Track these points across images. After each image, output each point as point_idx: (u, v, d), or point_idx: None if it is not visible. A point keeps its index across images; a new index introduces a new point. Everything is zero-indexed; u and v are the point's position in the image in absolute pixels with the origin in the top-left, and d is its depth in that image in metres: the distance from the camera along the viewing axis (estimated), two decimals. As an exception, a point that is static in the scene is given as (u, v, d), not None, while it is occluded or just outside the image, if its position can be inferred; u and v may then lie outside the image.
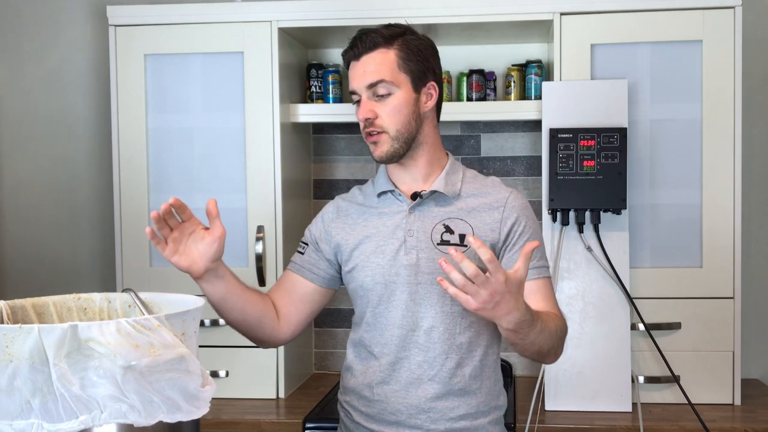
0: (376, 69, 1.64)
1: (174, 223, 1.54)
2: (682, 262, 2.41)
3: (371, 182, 1.80)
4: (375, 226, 1.71)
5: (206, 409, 1.20)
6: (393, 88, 1.64)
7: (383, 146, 1.66)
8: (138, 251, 2.55)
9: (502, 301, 1.39)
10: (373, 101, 1.65)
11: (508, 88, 2.67)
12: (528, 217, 1.69)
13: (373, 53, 1.64)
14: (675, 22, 2.38)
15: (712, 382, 2.40)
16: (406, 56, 1.65)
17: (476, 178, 1.75)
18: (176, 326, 1.19)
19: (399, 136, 1.65)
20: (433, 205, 1.69)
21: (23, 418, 1.09)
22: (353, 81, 1.67)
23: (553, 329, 1.57)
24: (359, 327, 1.74)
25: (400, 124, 1.64)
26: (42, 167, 2.97)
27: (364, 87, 1.65)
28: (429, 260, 1.64)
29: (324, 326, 2.91)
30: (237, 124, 2.52)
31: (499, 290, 1.37)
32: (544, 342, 1.55)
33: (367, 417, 1.70)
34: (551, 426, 2.27)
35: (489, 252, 1.34)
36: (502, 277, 1.36)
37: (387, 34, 1.65)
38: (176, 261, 1.55)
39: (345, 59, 1.70)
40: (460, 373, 1.65)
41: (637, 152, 2.40)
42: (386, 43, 1.64)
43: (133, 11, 2.55)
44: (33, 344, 1.07)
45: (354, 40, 1.67)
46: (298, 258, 1.79)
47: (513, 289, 1.39)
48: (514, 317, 1.42)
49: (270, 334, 1.73)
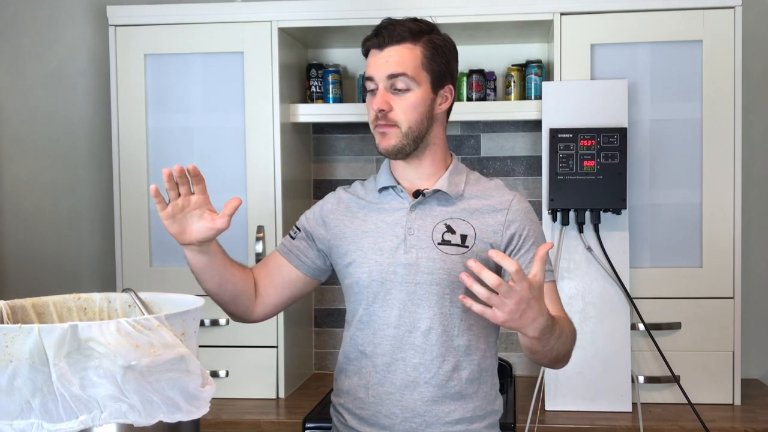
0: (400, 61, 1.61)
1: (185, 190, 1.52)
2: (682, 262, 2.41)
3: (373, 177, 1.78)
4: (374, 222, 1.69)
5: (206, 409, 1.20)
6: (413, 84, 1.61)
7: (391, 139, 1.63)
8: (138, 251, 2.55)
9: (528, 309, 1.37)
10: (389, 93, 1.62)
11: (508, 88, 2.68)
12: (531, 221, 1.68)
13: (399, 46, 1.61)
14: (675, 22, 2.38)
15: (712, 382, 2.40)
16: (430, 55, 1.63)
17: (479, 180, 1.74)
18: (176, 326, 1.19)
19: (409, 133, 1.63)
20: (435, 204, 1.68)
21: (23, 418, 1.09)
22: (373, 68, 1.63)
23: (567, 333, 1.57)
24: (351, 325, 1.71)
25: (413, 122, 1.62)
26: (42, 167, 2.97)
27: (384, 76, 1.61)
28: (429, 260, 1.62)
29: (324, 326, 2.91)
30: (237, 124, 2.52)
31: (525, 297, 1.36)
32: (561, 347, 1.54)
33: (361, 420, 1.67)
34: (551, 426, 2.27)
35: (514, 263, 1.33)
36: (527, 284, 1.35)
37: (415, 29, 1.62)
38: (168, 225, 1.53)
39: (366, 46, 1.66)
40: (457, 377, 1.63)
41: (637, 152, 2.40)
42: (413, 38, 1.62)
43: (133, 11, 2.55)
44: (33, 344, 1.07)
45: (379, 29, 1.63)
46: (288, 242, 1.76)
47: (536, 294, 1.38)
48: (540, 323, 1.41)
49: (243, 312, 1.72)
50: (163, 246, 2.55)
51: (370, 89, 1.64)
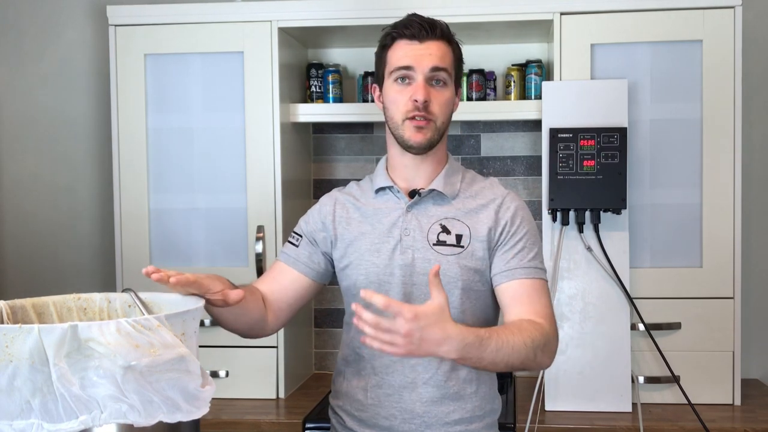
0: (443, 56, 1.61)
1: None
2: (682, 262, 2.41)
3: (369, 178, 1.77)
4: (371, 223, 1.68)
5: (206, 409, 1.20)
6: (449, 81, 1.63)
7: (429, 133, 1.62)
8: (138, 251, 2.55)
9: (425, 337, 1.34)
10: (429, 87, 1.61)
11: (508, 88, 2.67)
12: (523, 217, 1.66)
13: (439, 42, 1.62)
14: (675, 22, 2.38)
15: (712, 382, 2.40)
16: (458, 58, 1.67)
17: (475, 179, 1.74)
18: (176, 326, 1.19)
19: (441, 128, 1.64)
20: (431, 205, 1.68)
21: (23, 418, 1.09)
22: (412, 58, 1.59)
23: (518, 343, 1.47)
24: (350, 327, 1.70)
25: (445, 117, 1.64)
26: (42, 167, 2.97)
27: (428, 68, 1.60)
28: (424, 260, 1.62)
29: (324, 326, 2.91)
30: (237, 124, 2.52)
31: (413, 328, 1.32)
32: (507, 358, 1.46)
33: (360, 422, 1.67)
34: (551, 426, 2.27)
35: (383, 297, 1.32)
36: (410, 314, 1.32)
37: (447, 30, 1.65)
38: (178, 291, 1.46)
39: (395, 35, 1.62)
40: (455, 377, 1.63)
41: (637, 152, 2.40)
42: (448, 38, 1.64)
43: (133, 11, 2.55)
44: (33, 344, 1.07)
45: (411, 22, 1.61)
46: (291, 250, 1.74)
47: (432, 321, 1.34)
48: (452, 346, 1.37)
49: (258, 333, 1.69)
50: (163, 246, 2.56)
51: (404, 78, 1.61)
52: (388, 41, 1.65)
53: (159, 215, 2.56)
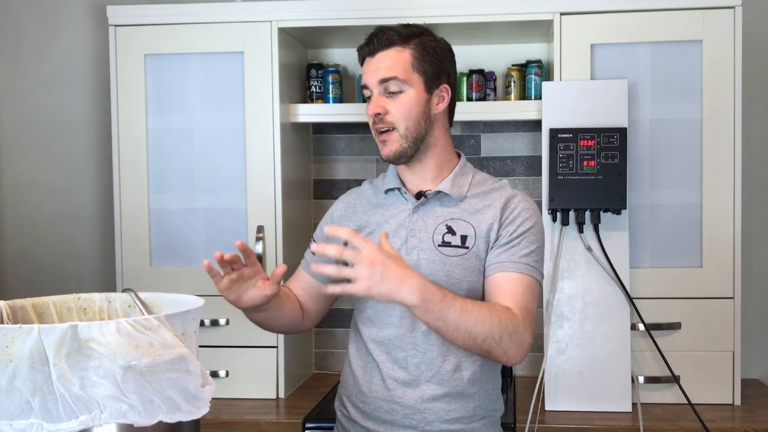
0: (389, 66, 1.63)
1: (237, 265, 1.56)
2: (682, 262, 2.41)
3: (382, 176, 1.80)
4: (378, 223, 1.71)
5: (206, 409, 1.20)
6: (405, 86, 1.64)
7: (392, 145, 1.65)
8: (138, 251, 2.55)
9: (387, 270, 1.40)
10: (384, 97, 1.65)
11: (508, 88, 2.67)
12: (526, 218, 1.65)
13: (389, 51, 1.64)
14: (675, 22, 2.38)
15: (712, 382, 2.40)
16: (420, 56, 1.65)
17: (486, 180, 1.74)
18: (176, 326, 1.19)
19: (408, 134, 1.64)
20: (437, 206, 1.69)
21: (23, 418, 1.09)
22: (366, 76, 1.67)
23: (484, 316, 1.49)
24: (360, 323, 1.74)
25: (409, 122, 1.64)
26: (42, 167, 2.97)
27: (376, 82, 1.64)
28: (429, 261, 1.64)
29: (324, 326, 2.91)
30: (237, 124, 2.52)
31: (378, 258, 1.39)
32: (471, 327, 1.47)
33: (363, 414, 1.70)
34: (551, 426, 2.27)
35: (346, 230, 1.41)
36: (373, 245, 1.40)
37: (404, 33, 1.65)
38: (225, 294, 1.60)
39: (360, 55, 1.70)
40: (458, 376, 1.64)
41: (637, 152, 2.40)
42: (402, 41, 1.64)
43: (133, 11, 2.55)
44: (33, 344, 1.07)
45: (370, 37, 1.67)
46: (308, 256, 1.82)
47: (395, 258, 1.42)
48: (413, 287, 1.42)
49: (296, 330, 1.83)
50: (163, 246, 2.56)
51: (366, 97, 1.68)
52: (359, 60, 1.71)
53: (159, 215, 2.56)
